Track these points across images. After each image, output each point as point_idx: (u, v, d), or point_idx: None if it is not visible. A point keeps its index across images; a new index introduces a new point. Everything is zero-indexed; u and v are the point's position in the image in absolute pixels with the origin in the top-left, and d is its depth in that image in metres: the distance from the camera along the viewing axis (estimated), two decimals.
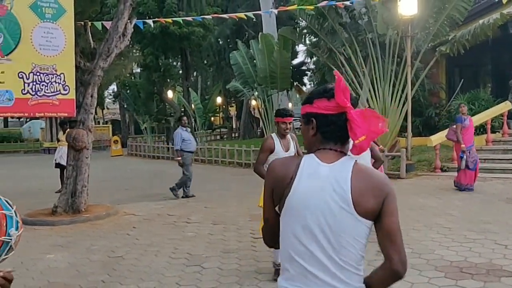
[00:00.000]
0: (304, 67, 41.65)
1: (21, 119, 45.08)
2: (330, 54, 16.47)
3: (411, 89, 13.60)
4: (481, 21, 13.02)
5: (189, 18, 15.32)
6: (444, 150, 13.16)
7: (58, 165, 12.25)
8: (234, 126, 45.96)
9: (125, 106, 32.68)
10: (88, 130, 9.01)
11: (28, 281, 5.43)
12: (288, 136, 5.29)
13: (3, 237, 3.53)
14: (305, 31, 19.65)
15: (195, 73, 37.57)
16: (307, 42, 23.63)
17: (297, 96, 37.94)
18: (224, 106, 42.62)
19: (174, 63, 29.20)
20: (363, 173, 1.71)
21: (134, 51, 23.08)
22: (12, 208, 3.65)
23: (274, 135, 5.32)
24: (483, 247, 5.95)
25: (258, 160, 5.24)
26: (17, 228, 3.56)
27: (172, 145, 24.01)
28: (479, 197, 9.37)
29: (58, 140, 12.51)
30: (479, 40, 13.32)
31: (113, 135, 34.87)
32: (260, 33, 21.71)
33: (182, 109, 25.31)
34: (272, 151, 5.15)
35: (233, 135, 40.23)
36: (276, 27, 20.44)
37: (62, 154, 11.95)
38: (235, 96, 33.99)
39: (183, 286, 5.08)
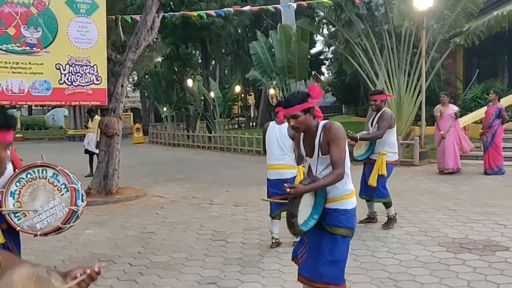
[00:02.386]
0: (322, 56, 41.99)
1: (44, 107, 46.33)
2: (347, 45, 16.86)
3: (426, 79, 13.98)
4: (495, 13, 13.32)
5: (211, 12, 15.83)
6: None
7: (86, 151, 12.97)
8: (252, 115, 46.52)
9: (146, 94, 33.45)
10: (118, 118, 9.68)
11: (73, 252, 6.12)
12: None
13: (73, 206, 4.21)
14: (323, 21, 19.96)
15: (213, 62, 38.13)
16: (325, 32, 24.03)
17: (303, 85, 38.28)
18: (242, 95, 43.16)
19: (194, 52, 29.78)
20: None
21: (155, 41, 23.70)
22: (78, 183, 4.33)
23: (272, 123, 6.10)
24: (484, 227, 6.46)
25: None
26: (82, 200, 4.26)
27: (192, 132, 24.82)
28: (487, 183, 9.83)
29: (87, 128, 13.20)
30: (493, 31, 13.63)
31: (134, 123, 35.74)
32: (278, 23, 22.16)
33: (202, 98, 25.93)
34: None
35: (251, 124, 40.81)
36: (295, 17, 20.84)
37: (89, 140, 12.65)
38: (254, 85, 34.50)
39: (210, 257, 5.70)
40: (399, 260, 5.28)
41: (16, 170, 4.23)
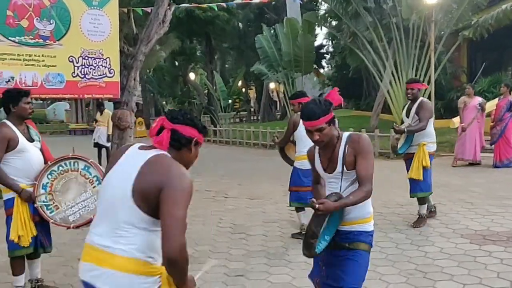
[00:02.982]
0: (322, 50, 41.90)
1: (44, 101, 46.17)
2: (353, 38, 16.85)
3: (434, 73, 13.97)
4: (504, 6, 13.30)
5: (222, 3, 15.79)
6: None
7: (96, 145, 12.94)
8: (253, 109, 46.47)
9: (150, 88, 33.42)
10: (131, 111, 9.63)
11: None
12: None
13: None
14: (327, 14, 19.93)
15: (216, 57, 38.08)
16: (328, 26, 23.95)
17: (315, 78, 38.22)
18: (243, 90, 43.13)
19: (198, 47, 29.71)
20: (159, 162, 2.27)
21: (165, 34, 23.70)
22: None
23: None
24: (504, 219, 6.47)
25: (281, 139, 6.03)
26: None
27: None
28: (499, 175, 9.84)
29: (96, 121, 13.17)
30: (502, 24, 13.62)
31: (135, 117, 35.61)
32: (285, 17, 22.10)
33: (206, 92, 25.90)
34: (296, 127, 5.75)
35: (252, 118, 40.77)
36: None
37: (100, 134, 12.62)
38: (255, 79, 34.45)
39: (233, 249, 5.70)
40: (424, 252, 5.29)
41: (48, 162, 4.22)
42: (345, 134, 3.11)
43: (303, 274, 4.79)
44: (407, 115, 6.37)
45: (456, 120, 13.21)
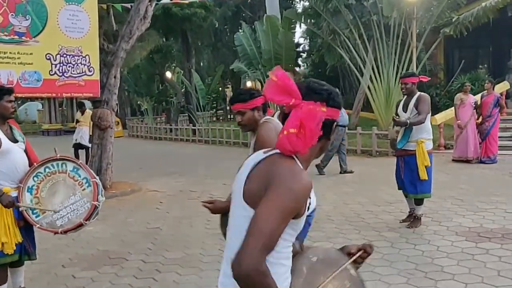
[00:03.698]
0: (298, 49, 41.85)
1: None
2: (333, 36, 16.80)
3: (415, 69, 14.02)
4: (483, 4, 13.41)
5: (186, 1, 15.61)
6: (446, 128, 13.65)
7: (78, 145, 12.59)
8: (229, 108, 46.18)
9: (125, 87, 32.88)
10: (112, 110, 9.36)
11: (79, 250, 5.85)
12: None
13: (96, 202, 3.97)
14: (307, 11, 19.83)
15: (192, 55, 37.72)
16: (308, 23, 23.91)
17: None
18: (220, 88, 42.78)
19: (174, 45, 29.31)
20: (272, 162, 1.63)
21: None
22: (97, 177, 4.07)
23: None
24: (495, 215, 6.45)
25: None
26: (102, 195, 4.00)
27: (175, 125, 24.45)
28: (484, 172, 9.90)
29: (77, 121, 12.80)
30: (481, 22, 13.75)
31: None
32: (260, 15, 21.97)
33: (183, 90, 25.57)
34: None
35: (229, 116, 40.51)
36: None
37: (82, 134, 12.28)
38: (231, 77, 34.21)
39: None
40: (421, 251, 5.20)
41: (34, 164, 3.97)
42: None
43: None
44: (405, 110, 6.11)
45: (438, 117, 13.29)
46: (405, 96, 6.21)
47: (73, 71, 8.89)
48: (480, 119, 11.00)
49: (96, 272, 4.98)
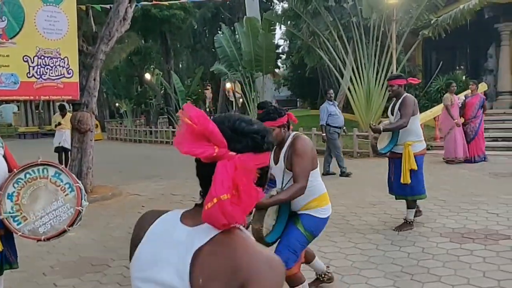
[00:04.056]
0: (278, 50, 41.92)
1: None
2: (313, 37, 16.85)
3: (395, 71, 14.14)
4: (461, 6, 13.61)
5: (166, 3, 15.44)
6: (426, 129, 13.78)
7: (61, 149, 12.38)
8: (208, 109, 46.04)
9: (103, 89, 32.52)
10: (92, 113, 9.20)
11: (60, 257, 5.72)
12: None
13: (79, 207, 3.87)
14: (286, 13, 19.87)
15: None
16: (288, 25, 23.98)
17: (270, 79, 38.25)
18: (199, 90, 42.66)
19: (154, 46, 29.09)
20: (225, 248, 1.17)
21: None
22: (79, 182, 3.97)
23: None
24: (477, 216, 6.52)
25: None
26: (85, 200, 3.89)
27: (155, 128, 24.21)
28: (465, 172, 10.01)
29: (59, 124, 12.54)
30: (458, 24, 13.94)
31: None
32: (239, 17, 21.93)
33: (162, 92, 25.37)
34: None
35: (210, 118, 40.32)
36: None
37: (65, 137, 12.07)
38: (210, 79, 34.09)
39: None
40: (406, 252, 5.21)
41: (14, 170, 3.85)
42: (291, 135, 3.61)
43: None
44: (392, 113, 6.07)
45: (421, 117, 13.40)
46: (394, 99, 6.12)
47: (52, 73, 8.71)
48: (462, 120, 11.15)
49: (79, 280, 4.87)
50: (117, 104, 28.56)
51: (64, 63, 8.83)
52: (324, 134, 10.35)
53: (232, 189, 1.14)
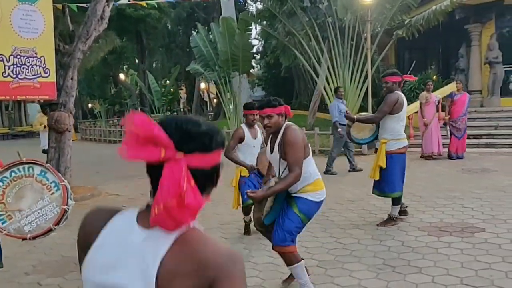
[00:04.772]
0: (252, 50, 41.97)
1: None
2: (289, 37, 16.99)
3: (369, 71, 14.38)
4: (434, 7, 13.91)
5: (143, 3, 15.37)
6: None
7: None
8: (183, 110, 45.86)
9: (78, 90, 32.07)
10: (69, 113, 9.11)
11: (42, 257, 5.68)
12: (256, 125, 5.80)
13: (65, 206, 3.87)
14: (261, 13, 19.96)
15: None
16: (264, 24, 24.09)
17: (246, 79, 38.30)
18: (172, 90, 42.51)
19: (128, 46, 28.83)
20: (187, 247, 1.17)
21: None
22: (66, 181, 3.97)
23: (243, 125, 5.87)
24: (453, 210, 6.72)
25: (227, 147, 5.65)
26: (72, 199, 3.90)
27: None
28: (438, 169, 10.26)
29: (45, 126, 12.24)
30: (431, 24, 14.25)
31: None
32: (214, 17, 21.93)
33: (137, 91, 25.18)
34: (242, 139, 5.74)
35: None
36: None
37: None
38: (185, 79, 33.97)
39: None
40: (387, 246, 5.35)
41: None
42: (284, 126, 3.88)
43: (273, 275, 4.70)
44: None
45: None
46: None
47: (28, 72, 8.59)
48: (448, 117, 11.42)
49: (63, 279, 4.85)
50: (90, 105, 28.14)
51: (41, 62, 8.72)
52: (340, 129, 10.03)
53: (178, 193, 1.13)
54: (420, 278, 4.39)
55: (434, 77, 17.39)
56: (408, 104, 14.63)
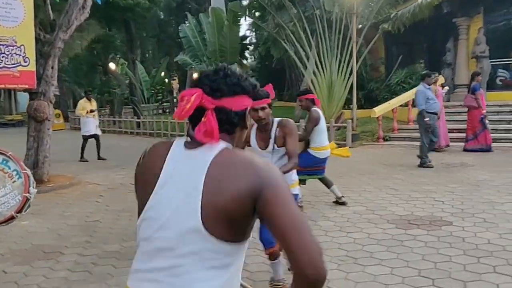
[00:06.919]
0: (245, 41, 41.87)
1: None
2: (278, 29, 16.99)
3: (356, 64, 14.42)
4: (420, 1, 13.94)
5: None
6: (385, 121, 14.14)
7: (93, 136, 12.75)
8: (176, 100, 45.70)
9: (65, 78, 31.92)
10: (49, 102, 9.11)
11: (12, 245, 5.70)
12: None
13: (27, 194, 3.90)
14: (251, 5, 19.92)
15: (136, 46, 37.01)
16: (254, 16, 24.01)
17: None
18: (166, 80, 42.35)
19: (117, 35, 28.64)
20: (232, 155, 1.46)
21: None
22: (27, 169, 4.00)
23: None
24: (425, 204, 6.79)
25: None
26: (34, 187, 3.93)
27: (119, 117, 23.96)
28: (417, 162, 10.31)
29: (92, 111, 12.74)
30: (417, 18, 14.29)
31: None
32: (205, 7, 21.83)
33: (127, 81, 25.09)
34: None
35: (175, 108, 40.07)
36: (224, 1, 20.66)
37: (97, 124, 12.82)
38: (177, 69, 33.86)
39: None
40: (353, 238, 5.42)
41: None
42: (276, 120, 3.98)
43: (261, 276, 4.72)
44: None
45: (378, 110, 13.72)
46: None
47: (7, 61, 8.56)
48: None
49: (29, 267, 4.88)
50: (82, 94, 27.94)
51: (21, 51, 8.69)
52: (428, 119, 9.41)
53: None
54: (379, 269, 4.45)
55: (423, 71, 17.47)
56: (393, 97, 14.81)
